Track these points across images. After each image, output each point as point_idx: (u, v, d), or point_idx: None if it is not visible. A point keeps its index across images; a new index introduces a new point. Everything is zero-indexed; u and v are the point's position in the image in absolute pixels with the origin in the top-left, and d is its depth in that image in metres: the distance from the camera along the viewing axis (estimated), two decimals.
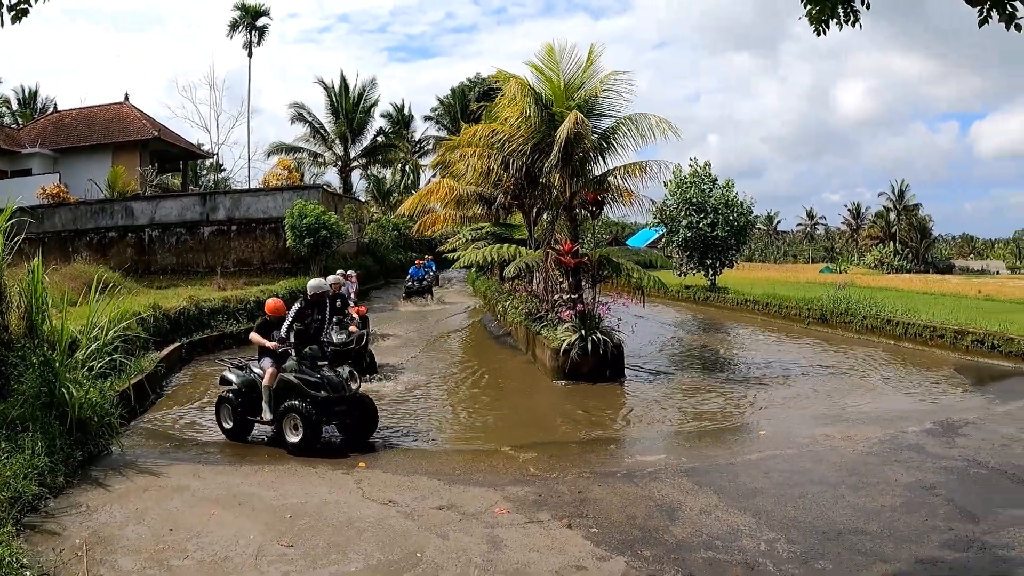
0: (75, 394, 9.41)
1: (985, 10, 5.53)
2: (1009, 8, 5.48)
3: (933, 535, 7.10)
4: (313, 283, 11.67)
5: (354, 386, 11.00)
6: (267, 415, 10.89)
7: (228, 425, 11.32)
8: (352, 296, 19.05)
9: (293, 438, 10.46)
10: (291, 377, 10.84)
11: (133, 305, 16.61)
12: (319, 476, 9.18)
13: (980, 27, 5.60)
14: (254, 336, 11.39)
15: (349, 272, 21.36)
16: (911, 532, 7.19)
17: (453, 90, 69.07)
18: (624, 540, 7.04)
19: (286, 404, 10.58)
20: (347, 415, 10.93)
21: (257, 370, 11.38)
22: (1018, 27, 5.54)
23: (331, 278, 15.55)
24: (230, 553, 6.65)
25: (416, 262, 34.97)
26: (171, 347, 17.19)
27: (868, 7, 6.07)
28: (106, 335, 12.14)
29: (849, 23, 6.19)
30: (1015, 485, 8.66)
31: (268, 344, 10.99)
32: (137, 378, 13.20)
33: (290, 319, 11.10)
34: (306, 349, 11.14)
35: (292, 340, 11.09)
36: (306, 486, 8.71)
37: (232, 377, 11.64)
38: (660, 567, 6.44)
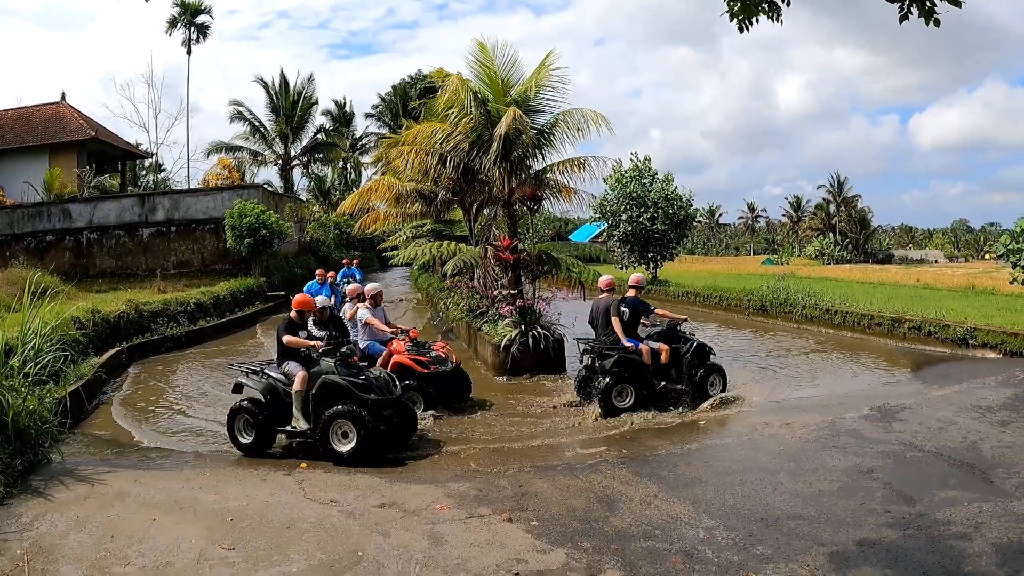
0: (12, 402, 9.33)
1: (905, 6, 5.70)
2: (928, 3, 5.66)
3: (870, 518, 7.34)
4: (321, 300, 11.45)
5: (396, 389, 10.63)
6: (301, 424, 10.13)
7: (246, 440, 10.39)
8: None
9: (344, 447, 9.75)
10: (336, 379, 10.06)
11: (71, 310, 16.46)
12: (261, 478, 9.21)
13: (900, 23, 5.75)
14: (289, 339, 10.44)
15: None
16: (849, 515, 7.42)
17: (394, 87, 68.71)
18: (564, 532, 7.17)
19: (333, 410, 9.78)
20: (392, 418, 10.45)
21: (277, 375, 10.56)
22: (937, 22, 5.70)
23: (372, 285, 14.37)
24: (171, 558, 6.67)
25: (318, 274, 21.49)
26: (111, 352, 17.04)
27: (788, 4, 6.20)
28: (43, 341, 12.06)
29: (771, 19, 6.32)
30: (951, 467, 8.95)
31: (311, 343, 10.41)
32: (76, 384, 13.09)
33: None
34: (343, 348, 10.58)
35: (326, 340, 10.59)
36: (248, 488, 8.74)
37: (249, 383, 10.72)
38: (600, 558, 6.57)
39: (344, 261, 26.75)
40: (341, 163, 67.34)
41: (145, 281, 29.13)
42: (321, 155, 63.30)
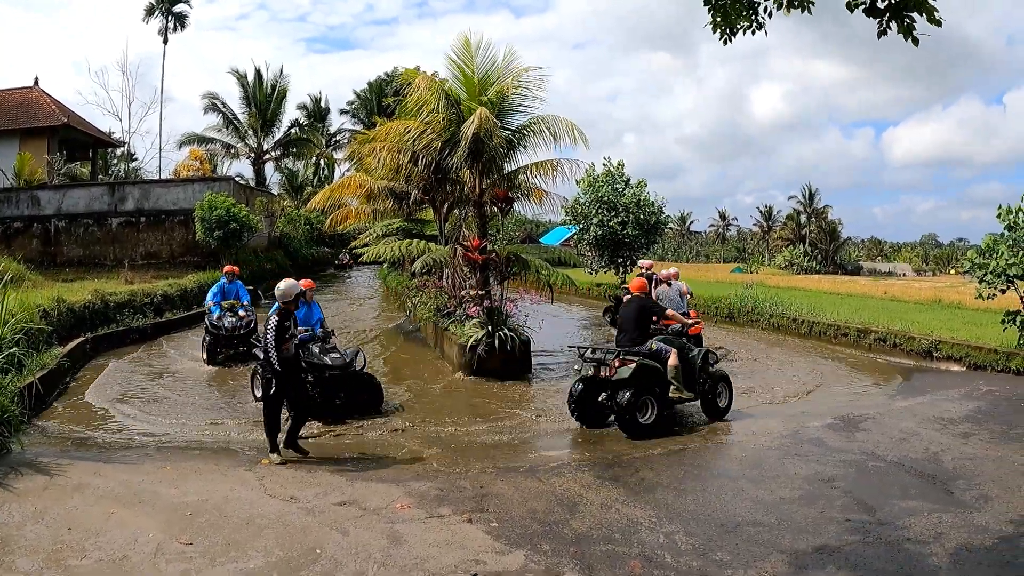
0: None
1: (884, 21, 5.74)
2: (907, 20, 5.69)
3: (830, 526, 7.39)
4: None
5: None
6: None
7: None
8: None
9: None
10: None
11: (36, 298, 16.30)
12: (221, 473, 9.14)
13: (879, 38, 5.78)
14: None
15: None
16: (809, 523, 7.46)
17: (370, 84, 68.71)
18: (524, 534, 7.17)
19: None
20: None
21: None
22: (916, 41, 5.73)
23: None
24: (129, 552, 6.61)
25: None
26: (75, 342, 16.81)
27: (771, 16, 6.23)
28: (5, 329, 11.92)
29: (752, 32, 6.36)
30: (911, 477, 9.03)
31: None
32: (39, 374, 12.91)
33: None
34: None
35: None
36: (208, 483, 8.67)
37: None
38: (559, 560, 6.57)
39: (226, 269, 19.08)
40: (314, 158, 67.15)
41: (113, 271, 28.83)
42: (295, 150, 63.22)
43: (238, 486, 8.57)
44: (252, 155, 60.45)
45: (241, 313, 17.39)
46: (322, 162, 68.58)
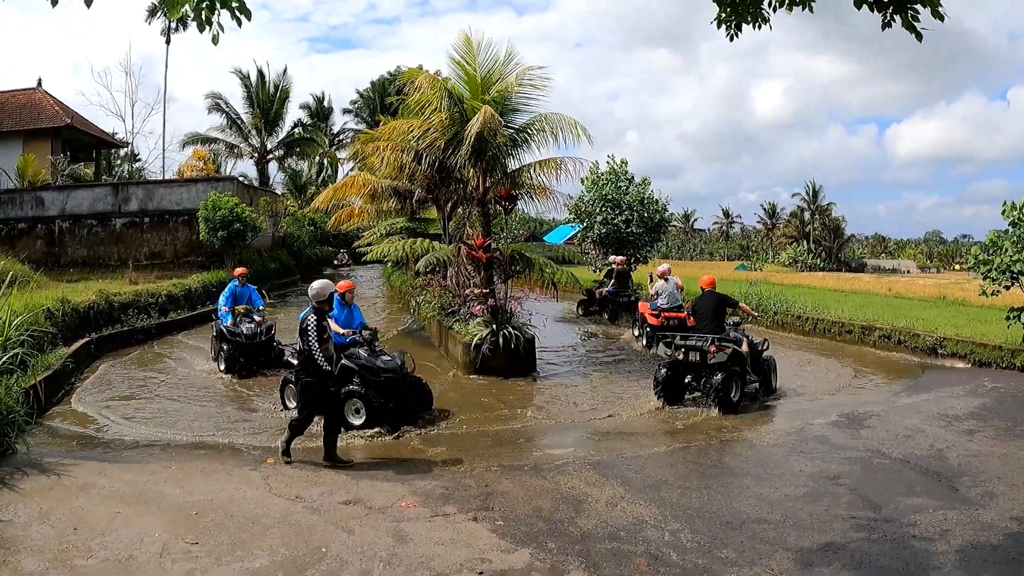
0: None
1: (889, 14, 5.73)
2: (911, 12, 5.68)
3: (835, 523, 7.40)
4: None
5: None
6: None
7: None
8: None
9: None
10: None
11: (40, 299, 16.31)
12: (227, 473, 9.15)
13: (883, 30, 5.78)
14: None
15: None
16: (814, 520, 7.47)
17: (373, 83, 68.59)
18: (529, 532, 7.17)
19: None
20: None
21: None
22: (919, 36, 5.72)
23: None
24: (135, 552, 6.62)
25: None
26: (80, 342, 16.82)
27: (775, 10, 6.23)
28: (10, 329, 11.93)
29: (758, 27, 6.35)
30: (916, 474, 9.03)
31: None
32: (44, 374, 12.92)
33: None
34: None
35: None
36: (213, 483, 8.67)
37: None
38: (564, 558, 6.58)
39: (237, 272, 17.92)
40: (317, 158, 67.17)
41: (117, 271, 28.89)
42: (298, 149, 63.26)
43: (243, 485, 8.57)
44: (255, 155, 60.51)
45: (257, 318, 16.44)
46: (325, 162, 68.64)
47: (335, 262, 52.95)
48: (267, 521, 7.39)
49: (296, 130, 63.65)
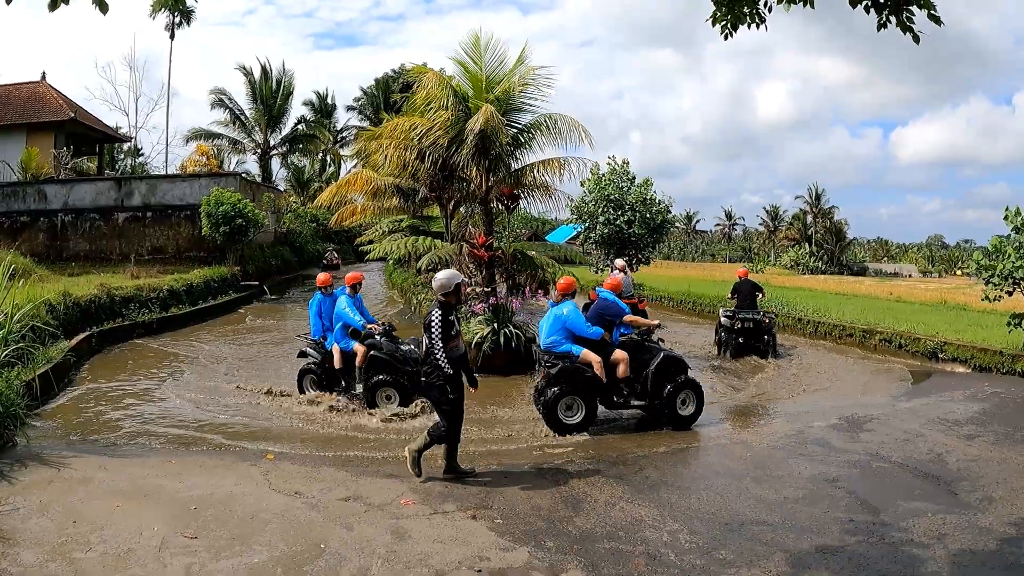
0: None
1: (884, 15, 5.72)
2: (906, 14, 5.67)
3: (834, 526, 7.40)
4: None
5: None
6: None
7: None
8: None
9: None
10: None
11: (42, 292, 16.33)
12: (226, 467, 9.16)
13: (879, 31, 5.75)
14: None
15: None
16: (812, 523, 7.48)
17: (377, 80, 68.69)
18: (528, 531, 7.18)
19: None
20: None
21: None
22: (916, 38, 5.70)
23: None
24: (133, 545, 6.62)
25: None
26: (81, 336, 16.86)
27: (770, 10, 6.20)
28: (12, 322, 11.95)
29: (754, 26, 6.33)
30: (915, 478, 9.04)
31: None
32: (44, 368, 12.94)
33: None
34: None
35: None
36: (213, 478, 8.68)
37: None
38: (563, 557, 6.58)
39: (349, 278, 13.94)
40: (320, 154, 67.18)
41: (118, 266, 28.93)
42: (301, 146, 63.34)
43: (243, 481, 8.58)
44: (258, 151, 60.57)
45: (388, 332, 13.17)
46: (329, 158, 68.66)
47: (323, 261, 52.82)
48: (266, 516, 7.39)
49: (299, 126, 63.64)
